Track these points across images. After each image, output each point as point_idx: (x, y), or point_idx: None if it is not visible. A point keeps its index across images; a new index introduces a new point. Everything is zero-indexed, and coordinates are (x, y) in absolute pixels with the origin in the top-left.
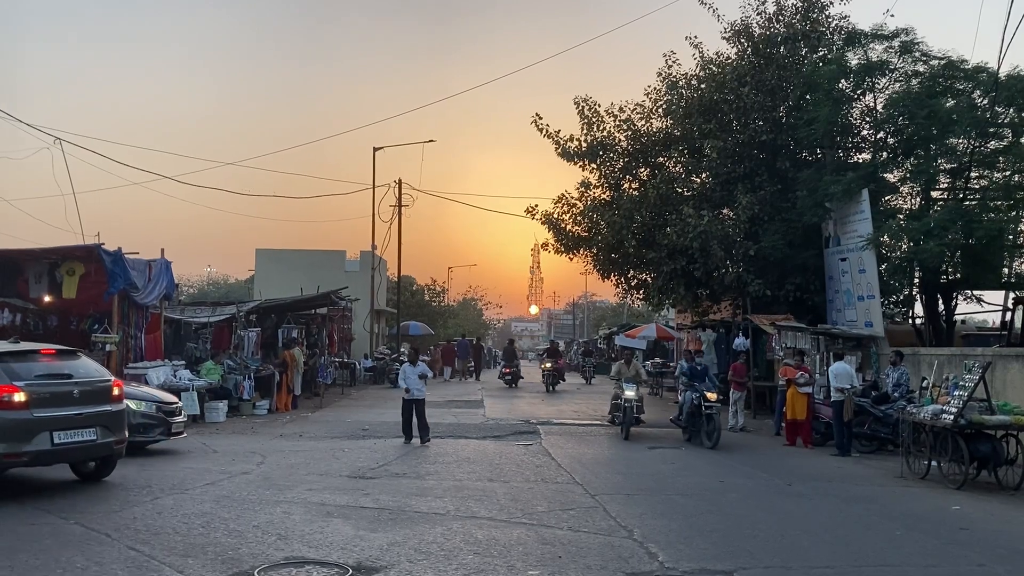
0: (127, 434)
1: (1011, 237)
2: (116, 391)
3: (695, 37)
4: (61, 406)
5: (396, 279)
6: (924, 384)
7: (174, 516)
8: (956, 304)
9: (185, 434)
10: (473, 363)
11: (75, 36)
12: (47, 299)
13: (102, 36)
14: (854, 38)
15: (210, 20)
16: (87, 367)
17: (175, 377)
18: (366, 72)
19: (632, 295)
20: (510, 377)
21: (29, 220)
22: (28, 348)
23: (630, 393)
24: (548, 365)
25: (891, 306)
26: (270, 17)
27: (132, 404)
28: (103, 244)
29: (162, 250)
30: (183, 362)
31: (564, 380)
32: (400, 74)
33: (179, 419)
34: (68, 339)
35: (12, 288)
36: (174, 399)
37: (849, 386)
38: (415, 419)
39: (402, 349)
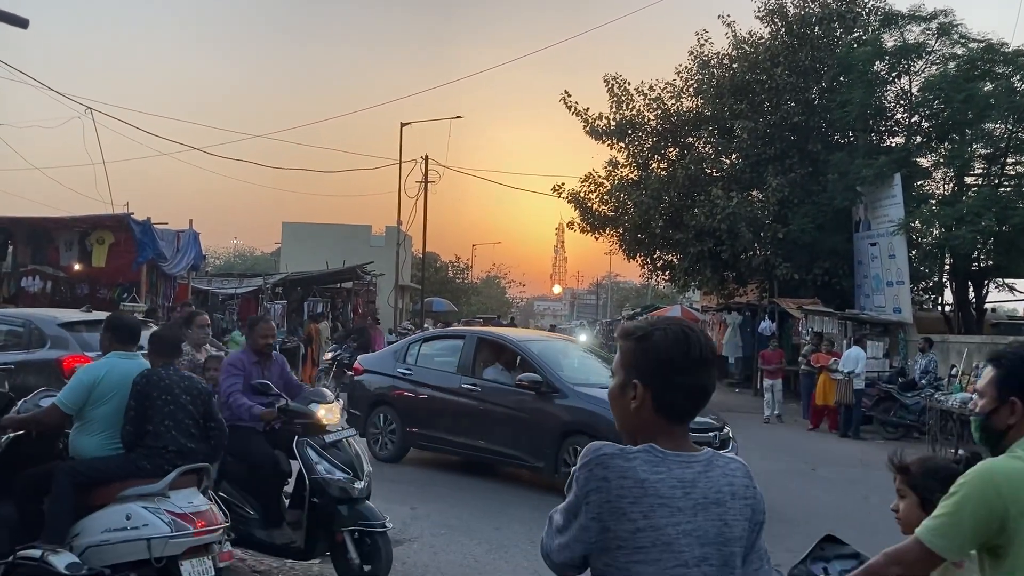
0: None
1: None
2: None
3: (728, 16)
4: None
5: (421, 255)
6: (953, 372)
7: None
8: (987, 292)
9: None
10: None
11: (107, 5)
12: (77, 267)
13: (133, 6)
14: (891, 19)
15: None
16: None
17: None
18: (395, 47)
19: (657, 276)
20: None
21: (60, 188)
22: (99, 318)
23: None
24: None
25: (920, 292)
26: None
27: None
28: (132, 214)
29: (190, 221)
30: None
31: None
32: (429, 49)
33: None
34: (97, 308)
35: (43, 256)
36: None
37: (851, 370)
38: None
39: (426, 325)
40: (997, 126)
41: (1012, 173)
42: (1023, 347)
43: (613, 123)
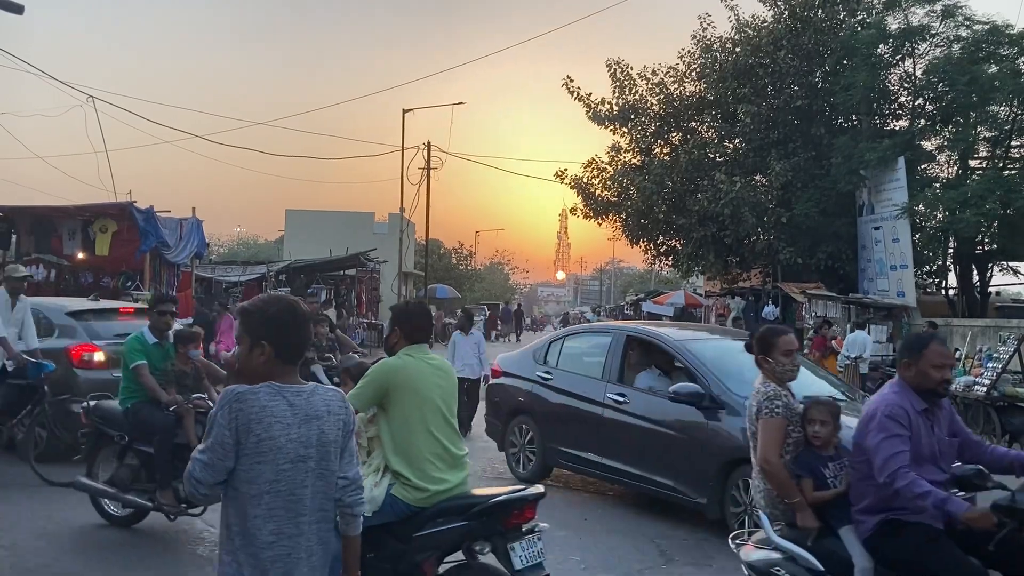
0: None
1: None
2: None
3: None
4: None
5: (424, 242)
6: (957, 355)
7: None
8: (991, 275)
9: None
10: (514, 326)
11: None
12: (80, 256)
13: None
14: (894, 1)
15: None
16: None
17: None
18: (397, 33)
19: (661, 261)
20: None
21: (62, 177)
22: (107, 307)
23: None
24: None
25: (924, 276)
26: None
27: None
28: (135, 202)
29: (193, 209)
30: None
31: None
32: (431, 35)
33: None
34: (102, 296)
35: (46, 245)
36: None
37: (857, 355)
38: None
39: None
40: (1001, 109)
41: (1017, 156)
42: (408, 303)
43: (616, 108)
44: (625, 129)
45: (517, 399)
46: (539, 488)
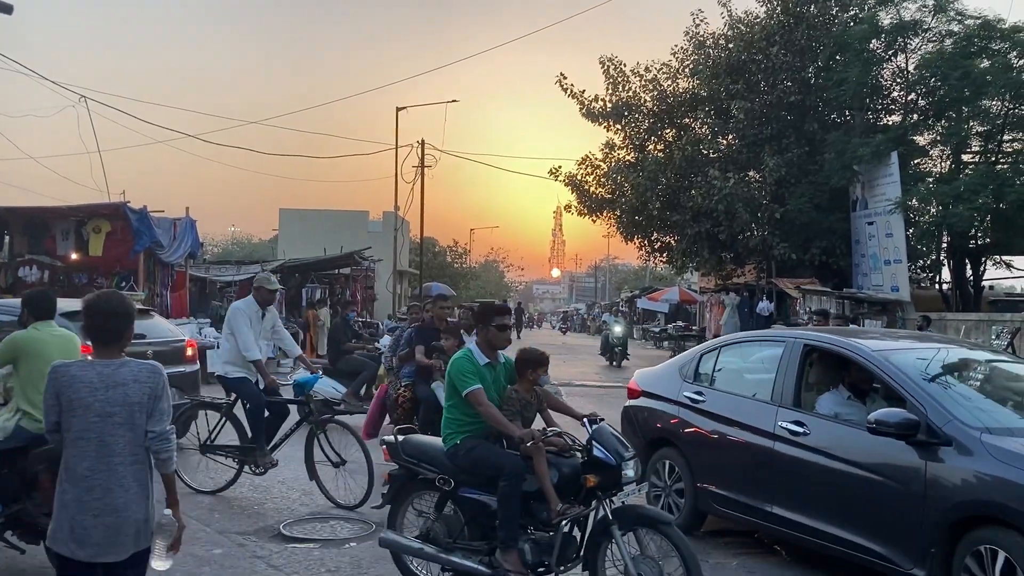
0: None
1: None
2: (190, 351)
3: None
4: None
5: (419, 240)
6: None
7: (201, 472)
8: (984, 269)
9: None
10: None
11: None
12: (74, 256)
13: None
14: None
15: None
16: (160, 327)
17: (200, 335)
18: (391, 30)
19: (655, 258)
20: None
21: (55, 178)
22: None
23: None
24: None
25: (918, 271)
26: None
27: None
28: (128, 202)
29: (187, 208)
30: (208, 320)
31: None
32: (425, 32)
33: None
34: None
35: (40, 245)
36: None
37: None
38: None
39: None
40: (994, 103)
41: (1009, 150)
42: (34, 292)
43: (609, 105)
44: (619, 126)
45: (658, 426)
46: None
